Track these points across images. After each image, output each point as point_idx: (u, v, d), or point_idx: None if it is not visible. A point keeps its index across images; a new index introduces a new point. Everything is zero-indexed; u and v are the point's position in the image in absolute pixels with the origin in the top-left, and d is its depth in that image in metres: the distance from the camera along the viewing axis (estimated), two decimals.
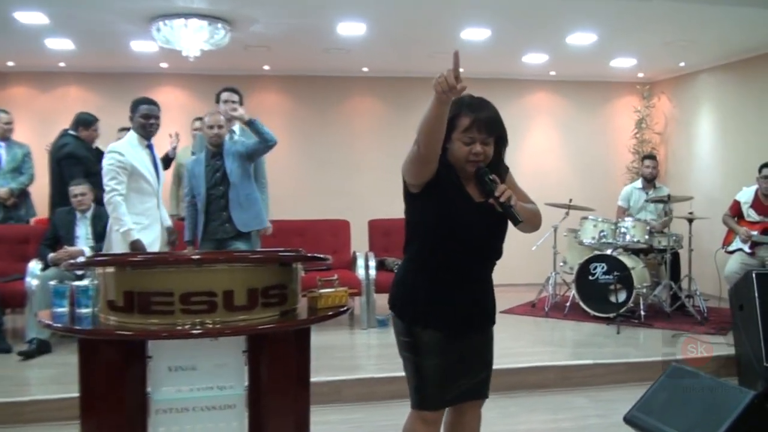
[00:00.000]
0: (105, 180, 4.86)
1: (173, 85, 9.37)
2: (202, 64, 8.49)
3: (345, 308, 2.88)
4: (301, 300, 2.86)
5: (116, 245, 4.90)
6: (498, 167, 2.64)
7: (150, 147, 5.13)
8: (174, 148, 7.27)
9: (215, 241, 5.30)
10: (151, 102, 5.10)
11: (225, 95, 5.85)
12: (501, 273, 3.04)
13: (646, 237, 7.32)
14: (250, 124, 5.25)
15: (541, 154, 10.10)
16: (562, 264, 7.94)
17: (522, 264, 9.48)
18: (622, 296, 7.02)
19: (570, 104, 10.22)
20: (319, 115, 9.61)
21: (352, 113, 9.71)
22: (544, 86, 10.15)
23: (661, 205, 7.86)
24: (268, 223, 5.58)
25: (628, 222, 7.38)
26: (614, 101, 10.34)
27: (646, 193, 7.99)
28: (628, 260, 7.13)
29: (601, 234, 7.40)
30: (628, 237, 7.31)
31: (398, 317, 2.71)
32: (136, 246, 4.88)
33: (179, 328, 2.44)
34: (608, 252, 7.24)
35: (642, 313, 6.95)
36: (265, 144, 5.32)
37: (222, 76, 9.20)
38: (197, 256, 2.59)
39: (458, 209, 2.57)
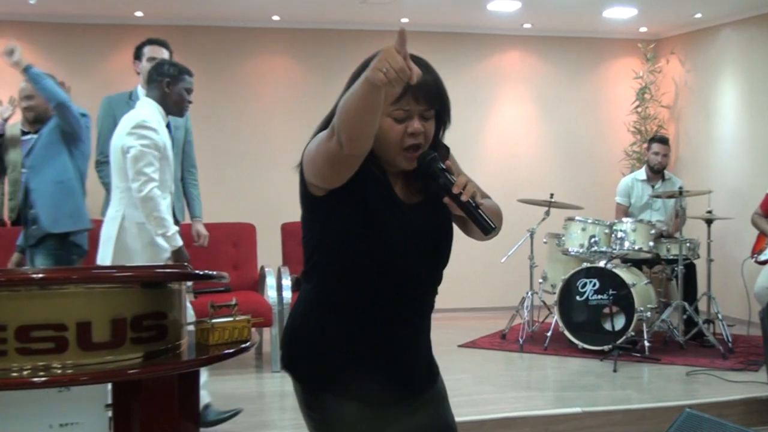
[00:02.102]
0: (138, 165, 4.78)
1: (7, 37, 9.14)
2: (49, 9, 8.30)
3: (247, 344, 2.85)
4: (188, 334, 2.82)
5: (136, 254, 4.83)
6: (437, 150, 2.50)
7: (169, 126, 5.12)
8: (5, 120, 7.06)
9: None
10: (192, 74, 5.18)
11: (154, 50, 5.87)
12: (460, 295, 3.04)
13: (651, 244, 7.45)
14: (26, 72, 5.42)
15: (511, 133, 10.22)
16: (541, 281, 8.04)
17: (488, 282, 9.56)
18: (619, 322, 7.14)
19: (550, 68, 10.36)
20: (211, 79, 9.50)
21: (258, 77, 9.65)
22: (516, 43, 10.26)
23: (671, 202, 8.01)
24: (173, 237, 5.54)
25: (626, 224, 7.51)
26: (608, 64, 10.52)
27: (652, 187, 8.15)
28: (627, 274, 7.26)
29: (592, 240, 7.51)
30: (626, 244, 7.44)
31: (299, 382, 2.55)
32: (183, 255, 4.87)
33: (14, 374, 2.38)
34: (601, 264, 7.35)
35: (646, 344, 7.08)
36: (53, 105, 5.49)
37: (78, 25, 9.03)
38: (40, 275, 2.52)
39: (386, 219, 2.43)
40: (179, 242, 4.85)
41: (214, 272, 2.84)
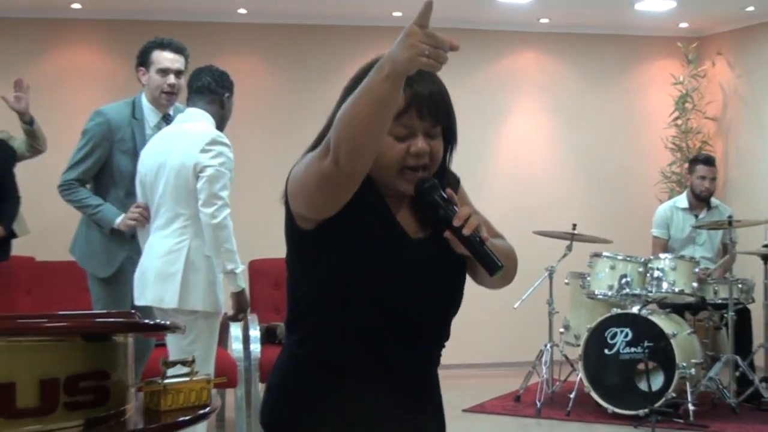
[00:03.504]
0: (213, 188, 5.09)
1: None
2: None
3: (207, 409, 2.83)
4: (135, 397, 2.80)
5: (202, 294, 5.05)
6: (443, 178, 2.55)
7: None
8: None
9: None
10: None
11: (166, 58, 5.76)
12: (465, 348, 3.04)
13: (695, 285, 7.45)
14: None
15: (525, 151, 10.24)
16: (562, 331, 8.03)
17: (498, 332, 9.54)
18: (657, 381, 7.12)
19: (572, 72, 10.40)
20: None
21: None
22: (530, 42, 10.31)
23: (718, 235, 8.01)
24: None
25: (664, 261, 7.51)
26: (642, 67, 10.57)
27: (695, 216, 8.15)
28: (666, 323, 7.26)
29: (624, 281, 7.50)
30: (665, 285, 7.43)
31: None
32: (245, 299, 5.27)
33: None
34: (634, 310, 7.35)
35: (690, 407, 7.05)
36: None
37: (4, 19, 9.04)
38: None
39: (388, 254, 2.46)
40: (243, 283, 5.16)
41: (167, 322, 2.82)
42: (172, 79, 5.67)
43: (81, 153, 5.63)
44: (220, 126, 5.34)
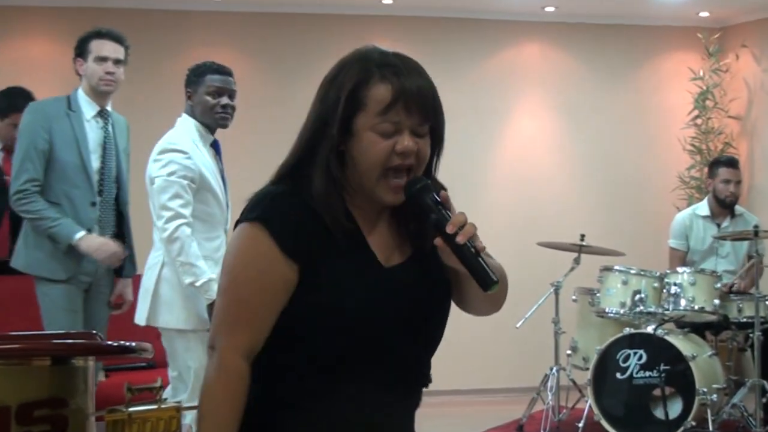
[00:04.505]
0: (161, 198, 5.22)
1: None
2: None
3: None
4: (96, 427, 2.79)
5: (174, 310, 5.24)
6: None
7: (215, 145, 5.58)
8: None
9: None
10: (225, 71, 5.55)
11: (105, 46, 5.88)
12: (462, 372, 3.02)
13: (717, 302, 7.45)
14: None
15: (528, 154, 10.24)
16: (569, 352, 8.03)
17: (499, 354, 9.52)
18: (675, 408, 7.12)
19: (580, 66, 10.41)
20: (129, 80, 9.47)
21: None
22: (535, 33, 10.32)
23: (743, 246, 8.02)
24: None
25: (683, 276, 7.52)
26: (658, 61, 10.59)
27: (717, 225, 8.15)
28: (684, 344, 7.26)
29: (637, 297, 7.50)
30: (683, 302, 7.43)
31: None
32: None
33: None
34: (649, 329, 7.34)
35: None
36: None
37: None
38: None
39: (356, 286, 2.44)
40: (213, 294, 5.04)
41: (133, 343, 2.82)
42: (110, 66, 5.83)
43: (22, 152, 5.73)
44: (207, 121, 5.46)
